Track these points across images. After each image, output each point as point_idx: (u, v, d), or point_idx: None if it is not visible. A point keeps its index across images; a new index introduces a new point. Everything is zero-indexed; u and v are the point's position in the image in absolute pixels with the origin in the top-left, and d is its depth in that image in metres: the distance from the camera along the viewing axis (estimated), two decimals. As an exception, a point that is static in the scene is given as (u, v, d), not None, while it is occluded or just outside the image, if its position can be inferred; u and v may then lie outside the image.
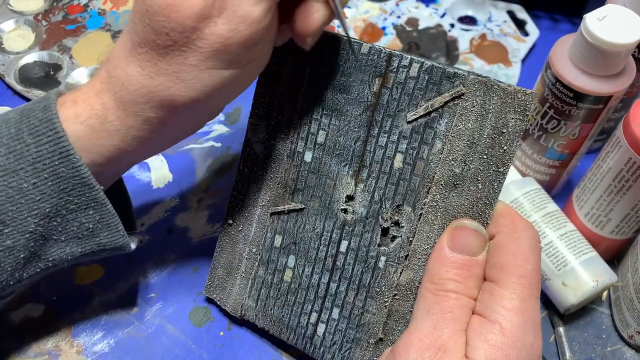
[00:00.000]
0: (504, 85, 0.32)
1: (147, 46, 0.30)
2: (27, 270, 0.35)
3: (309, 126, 0.38)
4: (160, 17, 0.29)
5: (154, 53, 0.30)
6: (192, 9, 0.29)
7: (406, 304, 0.36)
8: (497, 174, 0.33)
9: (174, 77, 0.31)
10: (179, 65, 0.30)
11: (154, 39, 0.30)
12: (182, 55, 0.30)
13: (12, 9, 0.63)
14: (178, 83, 0.31)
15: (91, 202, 0.34)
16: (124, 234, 0.36)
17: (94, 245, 0.36)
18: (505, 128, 0.32)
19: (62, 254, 0.35)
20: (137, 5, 0.30)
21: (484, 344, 0.30)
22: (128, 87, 0.31)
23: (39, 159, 0.32)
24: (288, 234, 0.39)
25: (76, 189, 0.33)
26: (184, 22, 0.29)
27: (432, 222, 0.35)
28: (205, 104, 0.33)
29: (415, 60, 0.34)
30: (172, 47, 0.30)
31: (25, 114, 0.33)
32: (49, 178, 0.33)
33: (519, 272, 0.31)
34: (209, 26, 0.29)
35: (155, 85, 0.31)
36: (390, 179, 0.36)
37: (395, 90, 0.35)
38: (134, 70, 0.31)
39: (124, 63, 0.31)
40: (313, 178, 0.38)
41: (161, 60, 0.30)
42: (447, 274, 0.32)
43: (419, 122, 0.35)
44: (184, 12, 0.29)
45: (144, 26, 0.30)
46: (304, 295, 0.39)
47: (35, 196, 0.33)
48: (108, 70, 0.32)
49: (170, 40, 0.30)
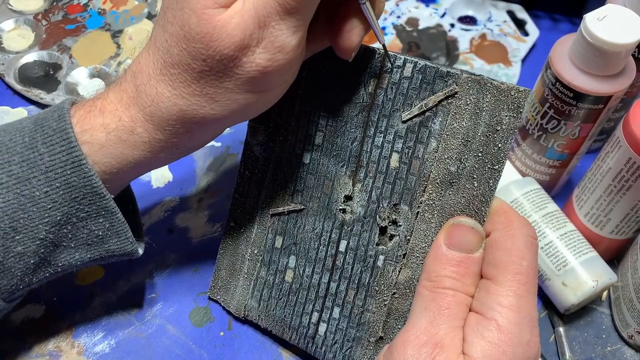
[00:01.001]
0: (497, 83, 0.32)
1: (181, 68, 0.31)
2: (37, 275, 0.35)
3: (307, 128, 0.38)
4: (198, 44, 0.29)
5: (188, 75, 0.31)
6: (232, 39, 0.29)
7: (405, 302, 0.36)
8: (493, 171, 0.33)
9: (207, 99, 0.31)
10: (213, 89, 0.31)
11: (190, 63, 0.30)
12: (218, 80, 0.31)
13: (12, 8, 0.63)
14: (211, 104, 0.31)
15: (101, 210, 0.34)
16: (133, 240, 0.37)
17: (103, 251, 0.36)
18: (499, 125, 0.33)
19: (72, 259, 0.36)
20: (173, 28, 0.30)
21: (480, 340, 0.30)
22: (159, 104, 0.32)
23: (51, 168, 0.33)
24: (288, 234, 0.39)
25: (87, 198, 0.34)
26: (223, 51, 0.29)
27: (429, 220, 0.35)
28: (235, 119, 0.34)
29: (409, 60, 0.34)
30: (207, 72, 0.30)
31: (39, 123, 0.33)
32: (60, 187, 0.33)
33: (515, 269, 0.31)
34: (247, 55, 0.30)
35: (188, 104, 0.31)
36: (387, 178, 0.36)
37: (390, 91, 0.35)
38: (165, 89, 0.31)
39: (155, 80, 0.32)
40: (312, 179, 0.38)
41: (195, 82, 0.31)
42: (444, 271, 0.32)
43: (414, 122, 0.35)
44: (223, 41, 0.29)
45: (180, 50, 0.30)
46: (305, 295, 0.39)
47: (47, 204, 0.33)
48: (136, 85, 0.32)
49: (207, 66, 0.30)
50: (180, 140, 0.34)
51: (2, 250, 0.33)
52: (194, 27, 0.29)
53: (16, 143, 0.33)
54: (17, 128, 0.34)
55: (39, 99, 0.56)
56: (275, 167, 0.39)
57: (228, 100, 0.31)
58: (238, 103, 0.32)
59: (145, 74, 0.32)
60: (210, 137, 0.36)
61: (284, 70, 0.31)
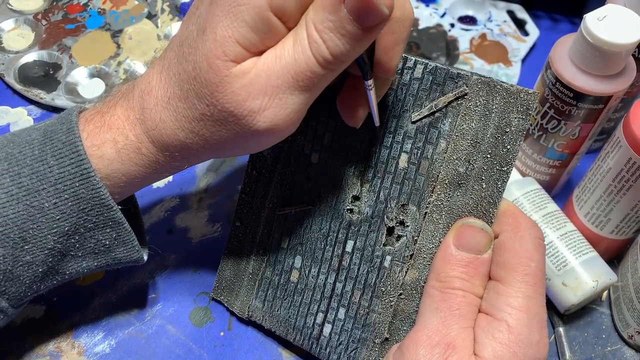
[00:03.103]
0: (507, 85, 0.33)
1: (186, 104, 0.31)
2: (45, 283, 0.36)
3: (316, 128, 0.38)
4: (205, 89, 0.30)
5: (191, 113, 0.31)
6: (236, 97, 0.29)
7: (412, 303, 0.36)
8: (501, 172, 0.33)
9: (203, 139, 0.32)
10: (210, 133, 0.31)
11: (195, 103, 0.30)
12: (216, 127, 0.31)
13: (11, 8, 0.63)
14: (205, 144, 0.32)
15: (109, 221, 0.35)
16: (139, 249, 0.37)
17: (110, 259, 0.37)
18: (508, 127, 0.33)
19: (79, 267, 0.36)
20: (187, 65, 0.30)
21: (491, 341, 0.30)
22: (161, 131, 0.32)
23: (60, 180, 0.33)
24: (294, 234, 0.39)
25: (95, 209, 0.34)
26: (224, 105, 0.29)
27: (436, 221, 0.35)
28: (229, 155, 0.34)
29: (420, 62, 0.34)
30: (208, 117, 0.30)
31: (48, 135, 0.34)
32: (69, 198, 0.33)
33: (523, 270, 0.31)
34: (246, 118, 0.29)
35: (186, 138, 0.32)
36: (395, 178, 0.36)
37: (399, 91, 0.35)
38: (168, 119, 0.32)
39: (161, 107, 0.32)
40: (319, 179, 0.38)
41: (195, 121, 0.31)
42: (453, 272, 0.32)
43: (423, 122, 0.35)
44: (227, 97, 0.29)
45: (190, 87, 0.30)
46: (310, 295, 0.39)
47: (56, 215, 0.34)
48: (143, 107, 0.33)
49: (209, 112, 0.30)
50: (181, 164, 0.34)
51: (12, 259, 0.34)
52: (204, 72, 0.29)
53: (26, 155, 0.34)
54: (27, 140, 0.34)
55: (38, 98, 0.56)
56: (283, 167, 0.39)
57: (222, 146, 0.32)
58: (231, 149, 0.32)
59: (154, 98, 0.32)
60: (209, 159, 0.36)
61: (281, 135, 0.31)
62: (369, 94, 0.32)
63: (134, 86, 0.34)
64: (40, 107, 0.56)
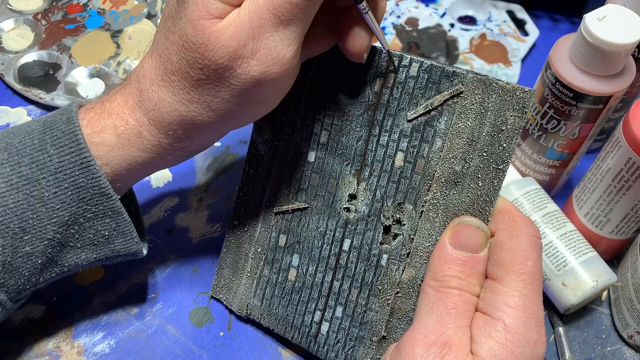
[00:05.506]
0: (503, 83, 0.32)
1: (180, 75, 0.31)
2: (44, 275, 0.36)
3: (312, 127, 0.38)
4: (195, 53, 0.30)
5: (187, 83, 0.31)
6: (226, 49, 0.29)
7: (408, 301, 0.36)
8: (497, 171, 0.33)
9: (205, 106, 0.32)
10: (210, 97, 0.31)
11: (188, 70, 0.31)
12: (215, 88, 0.31)
13: (11, 8, 0.63)
14: (209, 111, 0.32)
15: (108, 210, 0.35)
16: (138, 240, 0.37)
17: (109, 251, 0.37)
18: (504, 125, 0.33)
19: (78, 259, 0.36)
20: (173, 36, 0.31)
21: (488, 340, 0.30)
22: (160, 109, 0.33)
23: (60, 169, 0.33)
24: (292, 233, 0.40)
25: (94, 199, 0.34)
26: (218, 61, 0.30)
27: (433, 219, 0.35)
28: (234, 125, 0.34)
29: (415, 60, 0.34)
30: (205, 81, 0.31)
31: (48, 125, 0.34)
32: (69, 187, 0.34)
33: (520, 269, 0.31)
34: (242, 66, 0.30)
35: (187, 111, 0.32)
36: (392, 177, 0.36)
37: (395, 90, 0.35)
38: (166, 95, 0.32)
39: (157, 86, 0.32)
40: (316, 178, 0.38)
41: (194, 90, 0.31)
42: (449, 270, 0.32)
43: (419, 121, 0.35)
44: (218, 51, 0.30)
45: (180, 58, 0.31)
46: (308, 293, 0.39)
47: (55, 205, 0.34)
48: (140, 90, 0.33)
49: (204, 75, 0.31)
50: (184, 144, 0.34)
51: (11, 250, 0.34)
52: (191, 36, 0.30)
53: (25, 145, 0.34)
54: (26, 131, 0.34)
55: (38, 98, 0.56)
56: (280, 165, 0.39)
57: (224, 109, 0.32)
58: (233, 112, 0.32)
59: (148, 79, 0.33)
60: (212, 140, 0.36)
61: (278, 82, 0.31)
62: (366, 18, 0.32)
63: (130, 74, 0.34)
64: (40, 107, 0.56)
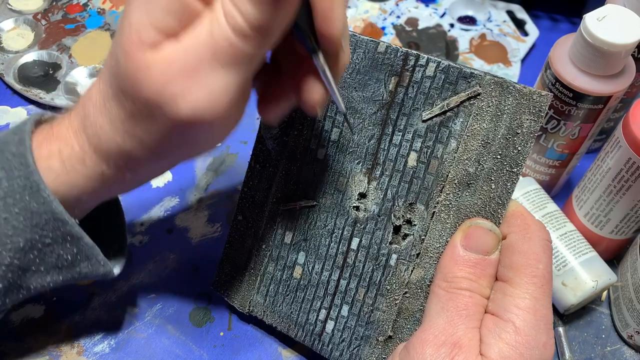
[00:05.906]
0: (520, 86, 0.33)
1: (116, 103, 0.29)
2: (10, 298, 0.35)
3: (323, 124, 0.38)
4: (125, 82, 0.28)
5: (122, 112, 0.29)
6: (155, 83, 0.27)
7: (416, 302, 0.36)
8: (511, 174, 0.33)
9: (138, 141, 0.30)
10: (141, 132, 0.29)
11: (123, 100, 0.29)
12: (145, 123, 0.29)
13: (11, 8, 0.63)
14: (142, 147, 0.30)
15: (66, 236, 0.33)
16: (105, 263, 0.36)
17: (75, 274, 0.35)
18: (519, 129, 0.33)
19: (43, 282, 0.35)
20: (111, 60, 0.29)
21: (498, 342, 0.30)
22: (100, 137, 0.30)
23: (10, 194, 0.32)
24: (299, 230, 0.39)
25: (49, 224, 0.32)
26: (145, 96, 0.27)
27: (444, 220, 0.35)
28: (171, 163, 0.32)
29: (432, 60, 0.34)
30: (137, 114, 0.28)
31: (0, 147, 0.32)
32: (20, 213, 0.32)
33: (531, 272, 0.31)
34: (170, 105, 0.27)
35: (123, 142, 0.30)
36: (404, 177, 0.36)
37: (411, 89, 0.35)
38: (104, 123, 0.30)
39: (98, 112, 0.30)
40: (325, 175, 0.38)
41: (127, 121, 0.29)
42: (460, 272, 0.32)
43: (434, 121, 0.35)
44: (145, 85, 0.27)
45: (117, 85, 0.29)
46: (313, 292, 0.39)
47: (7, 231, 0.32)
48: (85, 114, 0.31)
49: (135, 107, 0.28)
50: (127, 174, 0.32)
51: None
52: (122, 64, 0.27)
53: None
54: None
55: (38, 98, 0.56)
56: (288, 161, 0.39)
57: (157, 147, 0.30)
58: (168, 150, 0.30)
59: (92, 103, 0.30)
60: (158, 173, 0.34)
61: (213, 126, 0.28)
62: (321, 73, 0.30)
63: (81, 96, 0.32)
64: (40, 107, 0.56)
